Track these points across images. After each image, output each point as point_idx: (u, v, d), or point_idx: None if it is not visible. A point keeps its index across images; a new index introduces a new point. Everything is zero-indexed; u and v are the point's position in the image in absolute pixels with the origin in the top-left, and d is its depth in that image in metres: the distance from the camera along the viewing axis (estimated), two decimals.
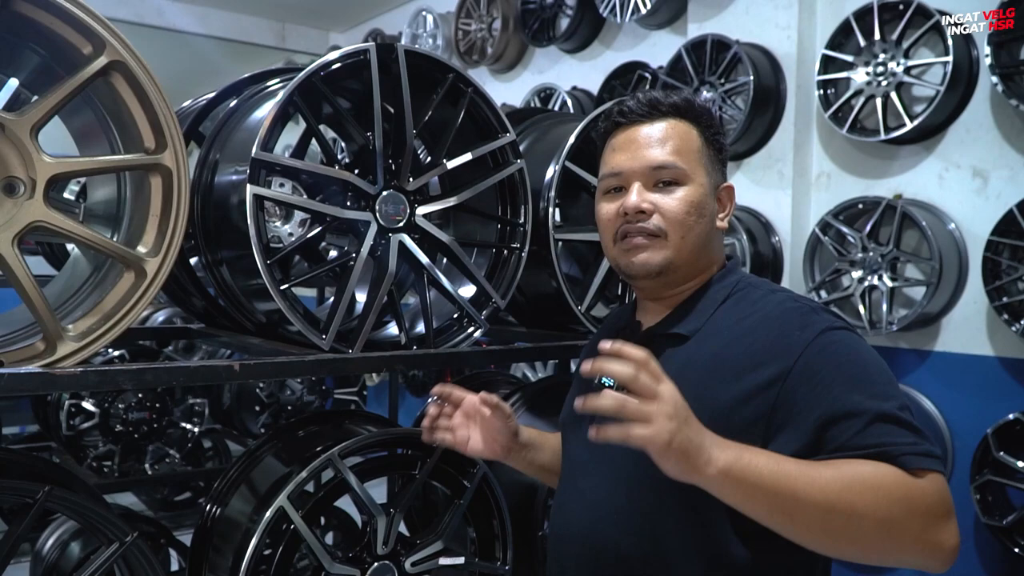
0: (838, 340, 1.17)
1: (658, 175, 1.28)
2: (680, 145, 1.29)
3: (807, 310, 1.22)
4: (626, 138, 1.33)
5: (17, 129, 1.33)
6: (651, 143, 1.30)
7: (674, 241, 1.27)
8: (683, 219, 1.27)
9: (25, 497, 1.42)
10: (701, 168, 1.30)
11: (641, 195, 1.28)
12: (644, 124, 1.32)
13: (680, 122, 1.31)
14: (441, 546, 1.78)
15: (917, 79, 3.19)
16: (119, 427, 4.12)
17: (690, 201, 1.27)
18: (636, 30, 4.51)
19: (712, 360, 1.22)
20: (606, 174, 1.35)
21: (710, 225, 1.31)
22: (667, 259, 1.28)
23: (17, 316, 1.60)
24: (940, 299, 3.15)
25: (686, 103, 1.33)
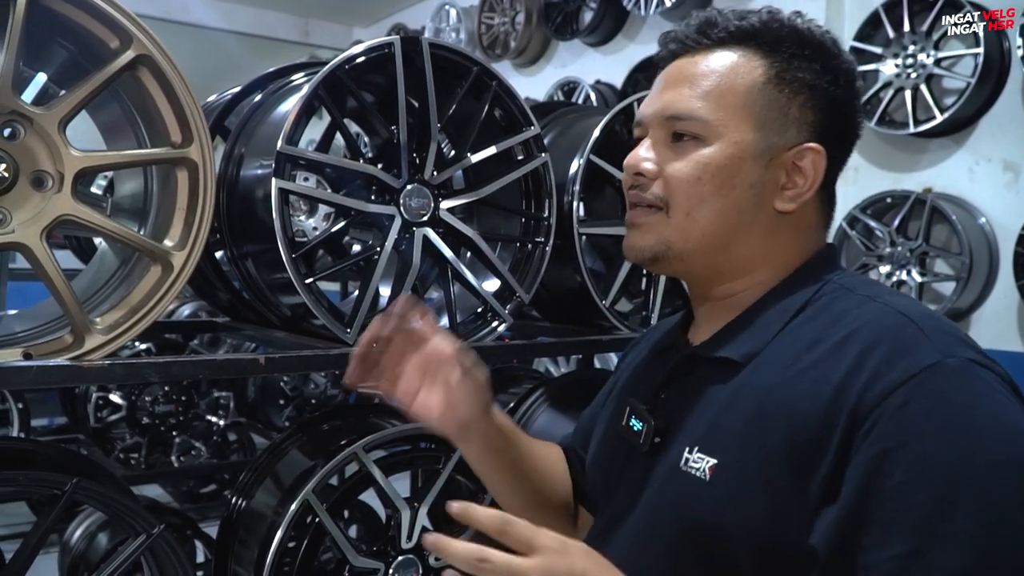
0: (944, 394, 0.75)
1: (673, 127, 0.95)
2: (715, 85, 0.93)
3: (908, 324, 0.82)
4: (661, 76, 1.00)
5: (45, 123, 1.34)
6: (680, 80, 0.96)
7: (676, 218, 0.94)
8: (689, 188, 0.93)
9: (53, 488, 1.43)
10: (745, 118, 0.93)
11: (646, 151, 0.97)
12: (690, 55, 0.98)
13: (736, 52, 0.95)
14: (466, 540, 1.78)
15: (947, 71, 3.15)
16: (146, 420, 4.17)
17: (703, 163, 0.93)
18: (660, 23, 4.48)
19: (766, 397, 0.86)
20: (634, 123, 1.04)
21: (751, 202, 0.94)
22: (662, 242, 0.96)
23: (45, 309, 1.61)
24: (970, 294, 3.11)
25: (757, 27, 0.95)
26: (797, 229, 0.97)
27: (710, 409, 0.91)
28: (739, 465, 0.84)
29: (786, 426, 0.82)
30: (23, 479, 1.43)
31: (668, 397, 1.00)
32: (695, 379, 0.96)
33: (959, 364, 0.77)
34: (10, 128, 1.33)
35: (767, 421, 0.84)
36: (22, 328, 1.56)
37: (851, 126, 0.98)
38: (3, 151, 1.32)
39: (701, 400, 0.93)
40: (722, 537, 0.83)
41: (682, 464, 0.90)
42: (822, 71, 0.94)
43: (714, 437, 0.89)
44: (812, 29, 0.96)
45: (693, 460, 0.89)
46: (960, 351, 0.79)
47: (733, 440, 0.86)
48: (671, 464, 0.92)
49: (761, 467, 0.82)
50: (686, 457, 0.90)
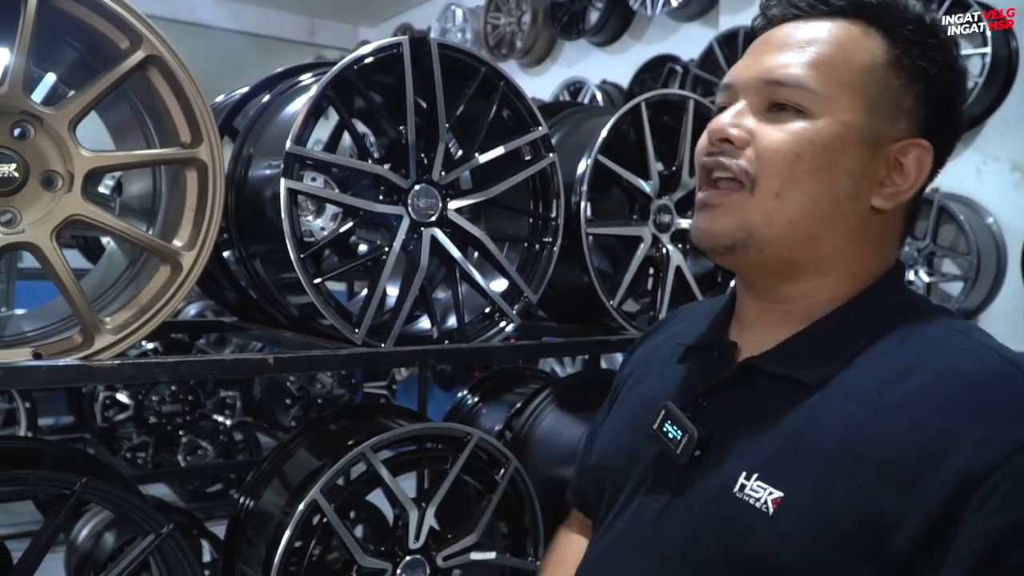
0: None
1: (774, 94, 0.84)
2: (828, 56, 0.83)
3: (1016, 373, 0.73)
4: (762, 39, 0.90)
5: (56, 123, 1.34)
6: (786, 45, 0.85)
7: (762, 197, 0.82)
8: (784, 164, 0.82)
9: (63, 488, 1.44)
10: (855, 98, 0.82)
11: (737, 116, 0.86)
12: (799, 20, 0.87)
13: (855, 26, 0.84)
14: (474, 540, 1.78)
15: None
16: (153, 419, 4.18)
17: (806, 139, 0.81)
18: (667, 23, 4.48)
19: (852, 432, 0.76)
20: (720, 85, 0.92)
21: (848, 193, 0.83)
22: (743, 227, 0.84)
23: (54, 309, 1.61)
24: (978, 294, 3.10)
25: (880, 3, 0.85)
26: (883, 235, 0.88)
27: (773, 433, 0.80)
28: (813, 504, 0.74)
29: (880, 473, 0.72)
30: (32, 478, 1.43)
31: (712, 406, 0.90)
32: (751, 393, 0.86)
33: None
34: (20, 128, 1.33)
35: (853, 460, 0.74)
36: (31, 328, 1.57)
37: (957, 129, 0.90)
38: (13, 151, 1.32)
39: (760, 420, 0.82)
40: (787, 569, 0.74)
41: (736, 490, 0.80)
42: (943, 65, 0.85)
43: (780, 466, 0.79)
44: (936, 19, 0.87)
45: (751, 488, 0.79)
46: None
47: (806, 474, 0.76)
48: (721, 486, 0.82)
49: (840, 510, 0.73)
50: (743, 483, 0.80)
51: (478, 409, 2.42)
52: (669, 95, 2.10)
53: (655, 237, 2.08)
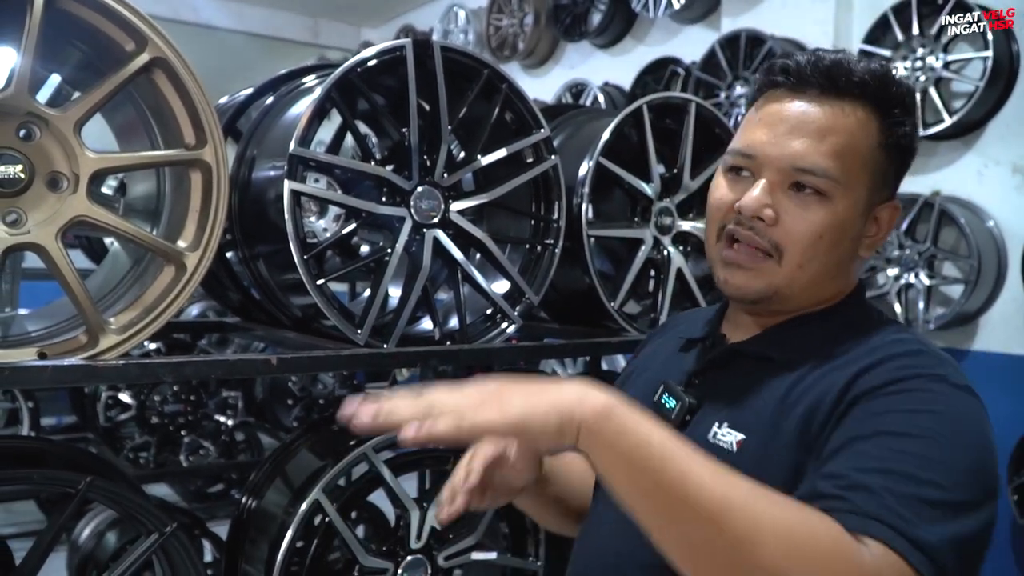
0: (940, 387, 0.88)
1: (799, 178, 0.97)
2: (844, 144, 0.96)
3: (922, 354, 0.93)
4: (777, 111, 0.99)
5: (61, 125, 1.35)
6: (806, 130, 0.97)
7: (788, 268, 0.99)
8: (809, 245, 0.98)
9: (67, 487, 1.44)
10: (863, 180, 0.98)
11: (765, 196, 0.98)
12: (807, 99, 0.98)
13: (860, 109, 0.97)
14: (474, 541, 1.79)
15: (956, 74, 3.14)
16: (155, 419, 4.19)
17: (828, 224, 0.97)
18: (669, 25, 4.48)
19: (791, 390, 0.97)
20: (736, 149, 1.03)
21: (848, 252, 1.02)
22: (771, 287, 1.01)
23: (59, 309, 1.62)
24: (978, 297, 3.10)
25: (880, 84, 0.97)
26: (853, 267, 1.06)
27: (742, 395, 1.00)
28: (762, 442, 0.94)
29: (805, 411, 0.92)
30: (37, 477, 1.44)
31: (701, 383, 1.08)
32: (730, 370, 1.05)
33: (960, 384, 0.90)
34: (26, 129, 1.34)
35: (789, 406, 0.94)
36: (36, 328, 1.58)
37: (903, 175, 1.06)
38: (19, 152, 1.33)
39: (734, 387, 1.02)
40: None
41: (711, 436, 0.99)
42: (911, 136, 1.01)
43: (743, 416, 0.98)
44: (911, 90, 1.02)
45: (722, 434, 0.99)
46: (935, 368, 0.91)
47: (761, 420, 0.96)
48: (699, 437, 1.00)
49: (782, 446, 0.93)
50: (715, 431, 0.99)
51: None
52: (671, 98, 2.11)
53: (656, 239, 2.09)
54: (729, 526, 0.75)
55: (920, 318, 3.13)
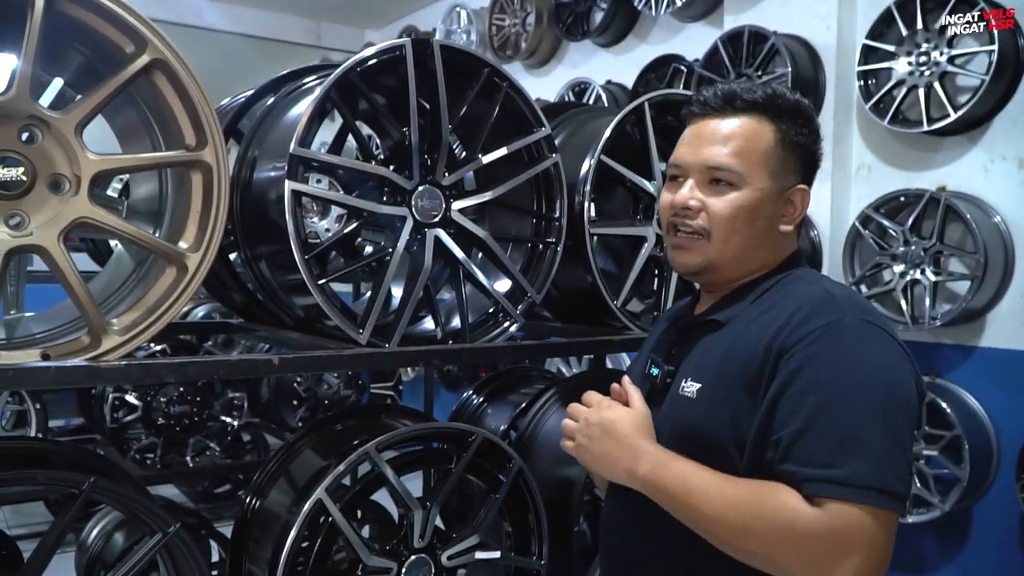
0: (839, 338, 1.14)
1: (712, 174, 1.28)
2: (744, 146, 1.27)
3: (828, 298, 1.19)
4: (695, 131, 1.32)
5: (62, 127, 1.35)
6: (714, 140, 1.28)
7: (716, 243, 1.28)
8: (728, 222, 1.27)
9: (71, 488, 1.45)
10: (764, 171, 1.27)
11: (692, 192, 1.29)
12: (716, 118, 1.30)
13: (754, 120, 1.28)
14: (477, 540, 1.79)
15: (961, 69, 3.12)
16: (161, 420, 4.20)
17: (739, 205, 1.26)
18: (671, 23, 4.47)
19: (732, 344, 1.24)
20: (670, 163, 1.35)
21: (765, 228, 1.29)
22: (707, 259, 1.29)
23: (63, 311, 1.63)
24: (985, 293, 3.08)
25: (767, 99, 1.29)
26: (786, 242, 1.34)
27: (700, 353, 1.29)
28: (711, 388, 1.23)
29: (743, 360, 1.20)
30: (42, 478, 1.45)
31: (677, 352, 1.38)
32: (694, 336, 1.34)
33: (854, 322, 1.15)
34: (28, 132, 1.35)
35: (731, 357, 1.22)
36: (40, 329, 1.59)
37: (817, 168, 1.36)
38: (21, 155, 1.34)
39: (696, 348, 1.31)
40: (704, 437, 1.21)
41: (680, 391, 1.28)
42: (808, 134, 1.31)
43: (700, 370, 1.27)
44: (801, 101, 1.32)
45: (686, 387, 1.27)
46: (858, 315, 1.16)
47: (711, 371, 1.24)
48: (673, 392, 1.30)
49: (726, 389, 1.20)
50: (682, 385, 1.28)
51: (483, 409, 2.42)
52: (672, 95, 2.11)
53: (659, 237, 2.09)
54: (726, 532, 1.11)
55: (926, 314, 3.11)
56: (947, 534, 3.18)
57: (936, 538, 3.23)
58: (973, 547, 3.14)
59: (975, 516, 3.13)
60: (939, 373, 3.24)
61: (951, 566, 3.19)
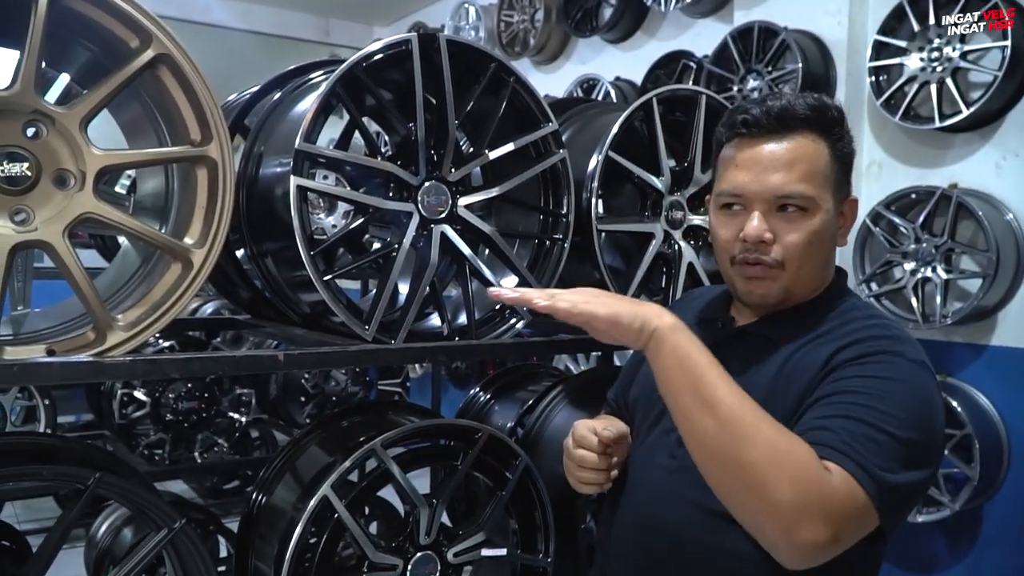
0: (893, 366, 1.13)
1: (782, 202, 1.23)
2: (809, 169, 1.22)
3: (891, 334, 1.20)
4: (750, 156, 1.25)
5: (67, 122, 1.35)
6: (777, 165, 1.22)
7: (791, 272, 1.25)
8: (803, 252, 1.24)
9: (77, 483, 1.45)
10: (828, 190, 1.24)
11: (762, 224, 1.23)
12: (770, 140, 1.24)
13: (810, 138, 1.23)
14: (483, 537, 1.78)
15: (974, 64, 3.09)
16: (169, 416, 4.21)
17: (813, 231, 1.23)
18: (680, 19, 4.45)
19: (783, 365, 1.22)
20: (727, 191, 1.28)
21: (831, 245, 1.29)
22: (784, 289, 1.26)
23: (69, 307, 1.63)
24: (997, 292, 3.05)
25: (818, 114, 1.24)
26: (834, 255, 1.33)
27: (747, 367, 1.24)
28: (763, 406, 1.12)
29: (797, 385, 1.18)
30: (48, 473, 1.45)
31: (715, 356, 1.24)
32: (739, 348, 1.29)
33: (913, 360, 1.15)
34: (33, 127, 1.35)
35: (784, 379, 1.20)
36: (46, 325, 1.58)
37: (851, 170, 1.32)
38: (26, 150, 1.34)
39: (741, 361, 1.25)
40: None
41: None
42: (848, 142, 1.28)
43: (747, 385, 1.15)
44: (841, 108, 1.28)
45: None
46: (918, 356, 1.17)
47: (759, 388, 1.18)
48: None
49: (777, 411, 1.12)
50: None
51: (490, 406, 2.42)
52: (680, 90, 2.09)
53: (667, 233, 2.07)
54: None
55: (937, 313, 3.09)
56: (957, 534, 3.16)
57: (946, 538, 3.20)
58: (983, 547, 3.11)
59: (985, 515, 3.10)
60: (950, 372, 3.21)
61: (960, 566, 3.17)
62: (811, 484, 1.01)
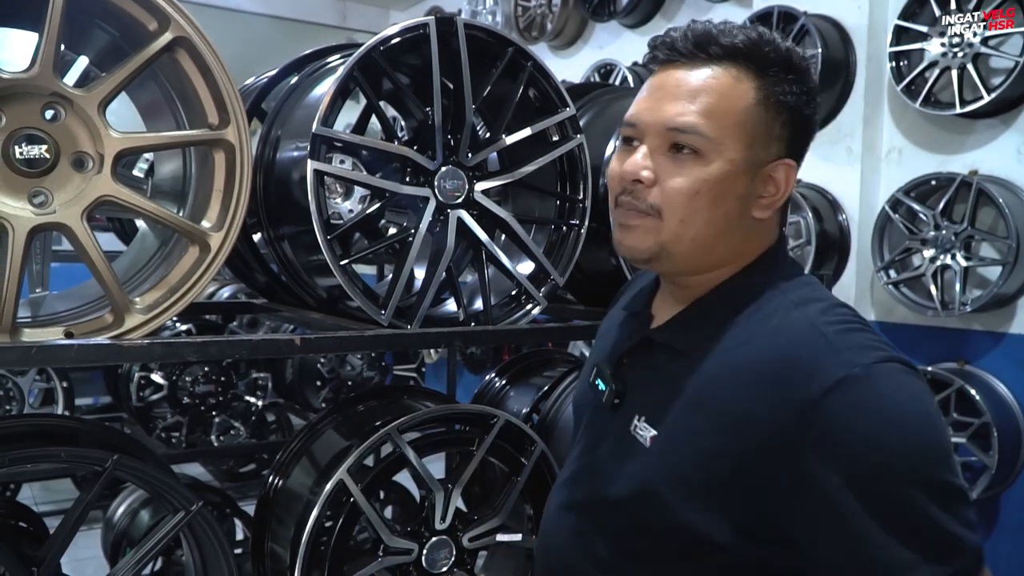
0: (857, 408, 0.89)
1: (675, 138, 1.01)
2: (715, 104, 1.00)
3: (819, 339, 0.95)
4: (658, 81, 1.05)
5: (85, 105, 1.35)
6: (680, 94, 1.01)
7: (670, 225, 1.02)
8: (685, 201, 1.01)
9: (95, 465, 1.46)
10: (738, 137, 1.00)
11: (645, 159, 1.03)
12: (684, 67, 1.02)
13: (732, 71, 1.01)
14: (499, 522, 1.79)
15: (995, 50, 3.05)
16: (186, 399, 4.24)
17: (702, 180, 1.00)
18: (699, 3, 4.41)
19: (700, 393, 1.02)
20: (624, 120, 1.08)
21: (736, 211, 1.03)
22: (657, 243, 1.04)
23: (87, 290, 1.64)
24: (1017, 279, 3.02)
25: (750, 44, 1.01)
26: (764, 230, 1.09)
27: (657, 388, 1.07)
28: (671, 439, 1.02)
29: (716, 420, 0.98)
30: (65, 455, 1.46)
31: (629, 365, 1.16)
32: (650, 358, 1.12)
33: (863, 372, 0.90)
34: (52, 110, 1.35)
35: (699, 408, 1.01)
36: (64, 308, 1.59)
37: (810, 140, 1.09)
38: (44, 132, 1.34)
39: (652, 377, 1.09)
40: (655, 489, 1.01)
41: (631, 429, 1.07)
42: (800, 94, 1.03)
43: (656, 413, 1.05)
44: (794, 51, 1.04)
45: (640, 428, 1.06)
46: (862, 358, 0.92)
47: (671, 419, 1.03)
48: (625, 426, 1.09)
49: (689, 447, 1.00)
50: (635, 424, 1.07)
51: (506, 392, 2.42)
52: None
53: None
54: None
55: (956, 300, 3.06)
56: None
57: None
58: (1000, 535, 3.10)
59: (1003, 504, 3.08)
60: (968, 359, 3.18)
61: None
62: None
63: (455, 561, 1.75)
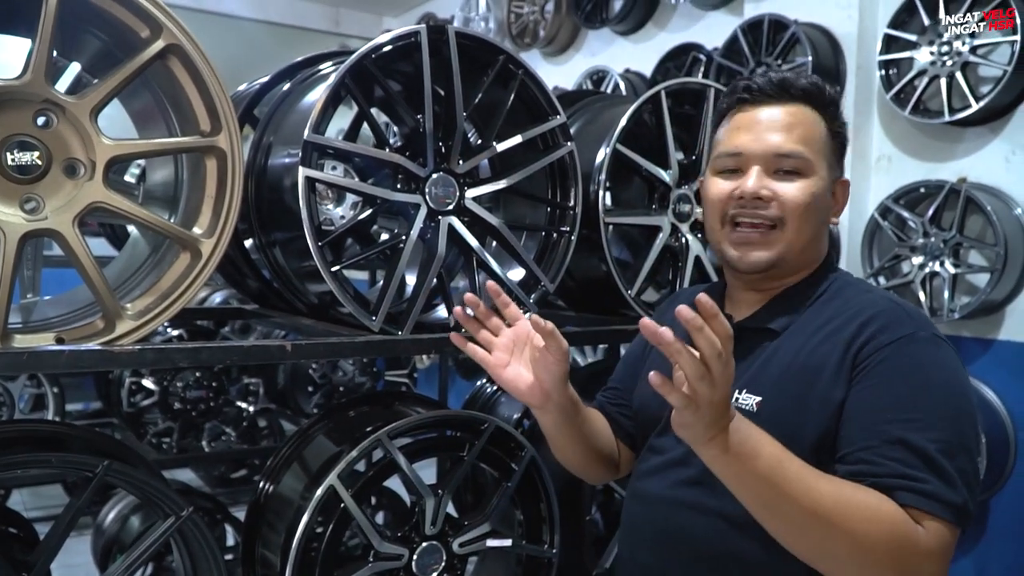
0: (915, 350, 1.13)
1: (780, 163, 1.23)
2: (806, 134, 1.24)
3: (897, 309, 1.18)
4: (750, 118, 1.27)
5: (77, 111, 1.36)
6: (777, 127, 1.24)
7: (789, 234, 1.23)
8: (803, 211, 1.22)
9: (85, 471, 1.46)
10: (823, 160, 1.25)
11: (760, 180, 1.23)
12: (770, 105, 1.26)
13: (808, 109, 1.26)
14: (489, 528, 1.79)
15: (984, 59, 3.08)
16: (177, 405, 4.24)
17: (812, 193, 1.22)
18: (691, 11, 4.43)
19: (795, 357, 1.20)
20: (724, 152, 1.29)
21: (824, 220, 1.28)
22: (780, 254, 1.25)
23: (78, 295, 1.64)
24: (1005, 286, 3.05)
25: (817, 89, 1.26)
26: (826, 238, 1.32)
27: (754, 363, 1.23)
28: (773, 401, 1.18)
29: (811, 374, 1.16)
30: (56, 461, 1.46)
31: None
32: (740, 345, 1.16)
33: (927, 336, 1.15)
34: (43, 117, 1.35)
35: (795, 371, 1.18)
36: (55, 313, 1.60)
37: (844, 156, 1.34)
38: (36, 139, 1.35)
39: (746, 358, 1.24)
40: None
41: (734, 401, 1.18)
42: (841, 125, 1.30)
43: (758, 382, 1.21)
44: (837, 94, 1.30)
45: (742, 399, 1.21)
46: (929, 329, 1.17)
47: (771, 384, 1.19)
48: None
49: (792, 403, 1.16)
50: (736, 396, 1.20)
51: (497, 397, 2.42)
52: (688, 83, 2.09)
53: (674, 226, 2.07)
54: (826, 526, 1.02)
55: (945, 307, 3.08)
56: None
57: None
58: (989, 541, 3.12)
59: (992, 510, 3.10)
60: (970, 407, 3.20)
61: (967, 559, 3.17)
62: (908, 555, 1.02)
63: (445, 566, 1.75)
